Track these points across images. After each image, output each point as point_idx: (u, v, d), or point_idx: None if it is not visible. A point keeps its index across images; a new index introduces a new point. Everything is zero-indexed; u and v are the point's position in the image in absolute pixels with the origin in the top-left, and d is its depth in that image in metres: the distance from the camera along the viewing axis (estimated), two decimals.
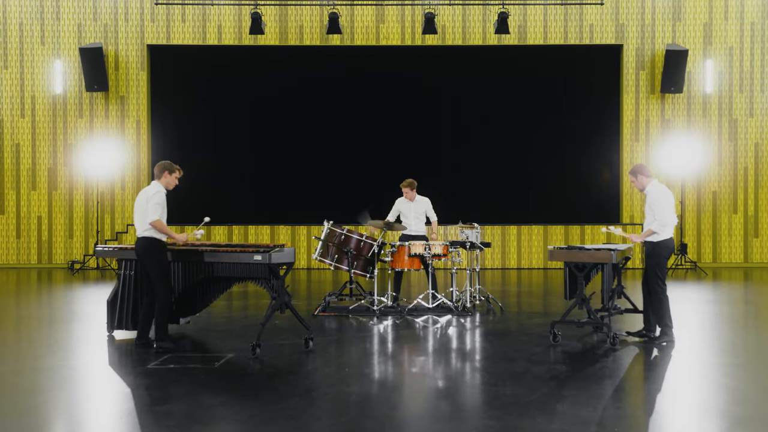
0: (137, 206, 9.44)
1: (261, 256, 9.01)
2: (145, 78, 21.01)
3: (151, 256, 9.30)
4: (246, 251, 9.15)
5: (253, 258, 9.07)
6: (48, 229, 21.00)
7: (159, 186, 9.48)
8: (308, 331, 9.43)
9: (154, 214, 9.25)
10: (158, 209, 9.29)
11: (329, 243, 12.49)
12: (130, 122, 20.99)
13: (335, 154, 21.05)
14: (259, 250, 9.07)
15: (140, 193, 9.53)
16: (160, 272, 9.28)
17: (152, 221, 9.23)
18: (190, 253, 9.55)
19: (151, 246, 9.31)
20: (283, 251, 9.07)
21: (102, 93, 20.90)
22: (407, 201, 13.30)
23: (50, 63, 20.94)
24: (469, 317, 11.94)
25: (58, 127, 20.97)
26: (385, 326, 11.29)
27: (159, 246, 9.34)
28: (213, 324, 11.35)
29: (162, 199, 9.39)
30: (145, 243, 9.33)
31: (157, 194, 9.37)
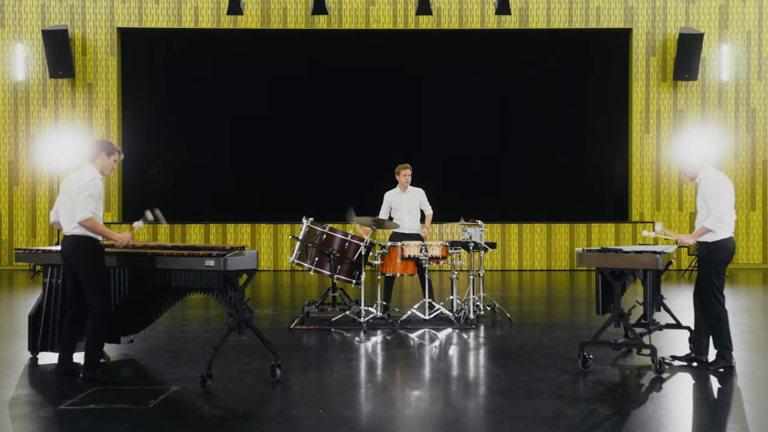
0: (65, 196, 7.25)
1: (214, 261, 6.85)
2: (115, 64, 18.81)
3: (82, 259, 7.13)
4: (195, 255, 6.98)
5: (204, 263, 6.91)
6: (8, 227, 18.79)
7: (94, 172, 7.29)
8: (275, 356, 7.27)
9: (85, 209, 7.07)
10: (90, 202, 7.11)
11: (308, 243, 10.33)
12: (99, 111, 18.79)
13: (320, 146, 18.88)
14: (212, 253, 6.90)
15: (68, 179, 7.32)
16: (94, 280, 7.10)
17: (82, 220, 7.06)
18: (128, 257, 7.38)
19: (82, 247, 7.13)
20: (242, 255, 6.91)
21: (68, 80, 18.70)
22: (399, 193, 11.16)
23: (11, 47, 18.72)
24: (472, 331, 9.81)
25: (19, 117, 18.76)
26: (374, 343, 9.14)
27: (92, 247, 7.17)
28: (164, 342, 9.17)
29: (98, 188, 7.21)
30: (75, 243, 7.14)
31: (92, 182, 7.16)
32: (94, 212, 7.08)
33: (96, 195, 7.13)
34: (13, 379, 7.37)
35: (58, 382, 7.15)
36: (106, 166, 7.37)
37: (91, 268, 7.10)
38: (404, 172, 11.11)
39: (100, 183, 7.23)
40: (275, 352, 7.27)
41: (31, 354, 8.06)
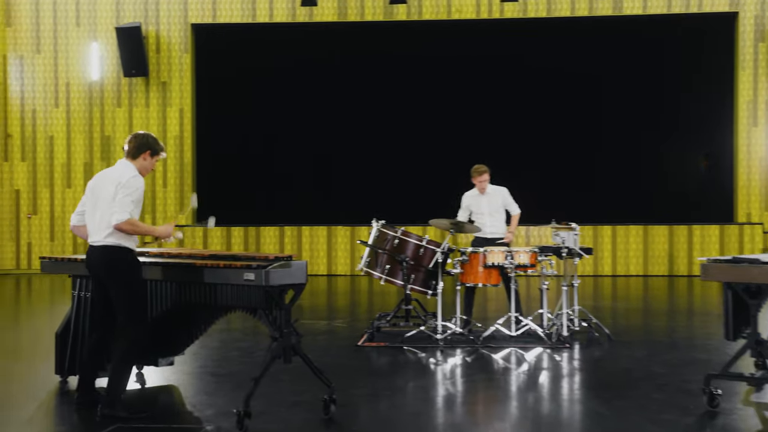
0: (96, 195, 5.96)
1: (253, 274, 5.51)
2: (189, 61, 17.77)
3: (116, 274, 5.85)
4: (233, 266, 5.65)
5: (243, 277, 5.57)
6: None
7: (133, 169, 5.98)
8: (329, 388, 5.89)
9: (122, 210, 5.75)
10: (128, 204, 5.80)
11: (379, 249, 8.94)
12: (173, 111, 17.79)
13: (398, 143, 17.43)
14: (251, 265, 5.56)
15: (100, 176, 6.05)
16: (129, 299, 5.82)
17: (119, 222, 5.74)
18: (158, 268, 6.09)
19: (115, 259, 5.86)
20: (288, 267, 5.55)
21: (141, 78, 17.73)
22: (477, 194, 9.68)
23: (86, 46, 17.86)
24: (566, 351, 8.28)
25: (94, 118, 17.88)
26: (452, 366, 7.70)
27: (128, 259, 5.89)
28: (212, 362, 7.91)
29: (140, 188, 5.92)
30: (107, 255, 5.87)
31: (133, 180, 5.86)
32: (131, 214, 5.81)
33: (137, 196, 5.86)
34: (28, 408, 6.18)
35: (73, 417, 5.92)
36: (146, 167, 6.07)
37: (127, 284, 5.82)
38: (478, 179, 9.63)
39: (141, 181, 5.93)
40: (329, 384, 5.89)
41: (60, 377, 6.86)
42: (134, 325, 5.77)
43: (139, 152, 5.98)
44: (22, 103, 18.01)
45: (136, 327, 5.77)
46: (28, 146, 18.00)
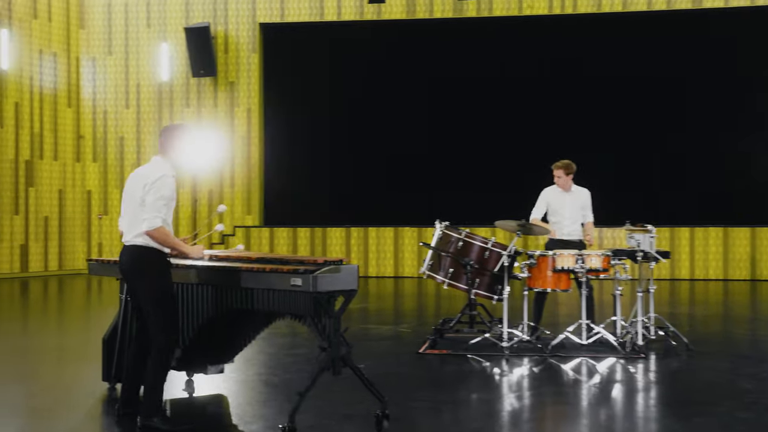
0: (128, 195, 5.61)
1: (301, 279, 5.10)
2: (257, 61, 17.56)
3: (143, 277, 5.50)
4: (279, 271, 5.25)
5: (290, 282, 5.17)
6: None
7: (166, 166, 5.59)
8: (382, 402, 5.45)
9: (154, 215, 5.36)
10: (161, 207, 5.39)
11: (442, 252, 8.47)
12: (241, 111, 17.60)
13: (464, 142, 16.88)
14: (299, 269, 5.16)
15: (133, 175, 5.66)
16: (157, 304, 5.46)
17: (150, 229, 5.36)
18: (205, 272, 5.73)
19: (143, 260, 5.50)
20: (338, 272, 5.13)
21: (210, 79, 17.59)
22: (560, 191, 9.10)
23: (156, 47, 17.79)
24: (641, 362, 7.69)
25: (164, 118, 17.80)
26: (519, 377, 7.20)
27: (156, 261, 5.51)
28: (267, 368, 7.54)
29: (171, 188, 5.46)
30: (135, 255, 5.51)
31: (161, 180, 5.42)
32: (163, 222, 5.44)
33: (167, 196, 5.44)
34: (72, 418, 5.89)
35: (114, 428, 5.60)
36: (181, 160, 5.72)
37: (155, 288, 5.45)
38: (558, 174, 9.04)
39: (173, 181, 5.51)
40: (382, 399, 5.45)
41: (109, 384, 6.57)
42: (162, 332, 5.41)
43: (169, 145, 5.61)
44: (93, 105, 18.04)
45: (164, 333, 5.41)
46: (100, 147, 18.02)
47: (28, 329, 10.75)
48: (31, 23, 17.27)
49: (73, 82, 18.00)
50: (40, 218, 17.47)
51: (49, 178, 17.65)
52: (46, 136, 17.58)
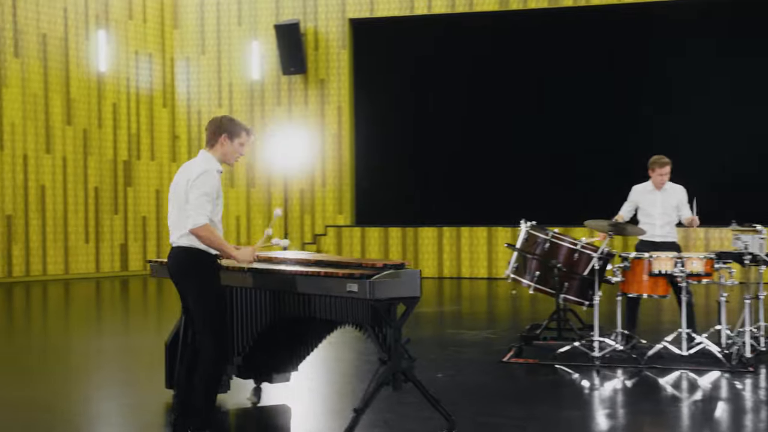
0: (174, 192, 5.23)
1: (357, 285, 4.61)
2: (347, 57, 17.19)
3: (190, 280, 5.11)
4: (334, 276, 4.78)
5: (346, 288, 4.69)
6: (246, 231, 17.72)
7: (210, 161, 5.18)
8: (449, 421, 4.91)
9: (198, 213, 4.96)
10: (205, 204, 5.00)
11: (527, 254, 7.86)
12: (331, 108, 17.27)
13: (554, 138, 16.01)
14: (354, 274, 4.66)
15: (180, 170, 5.27)
16: (205, 309, 5.06)
17: (194, 227, 4.96)
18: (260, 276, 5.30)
19: (190, 263, 5.11)
20: (397, 277, 4.62)
21: (300, 76, 17.31)
22: (651, 189, 8.36)
23: (247, 46, 17.63)
24: (749, 377, 6.90)
25: (255, 117, 17.63)
26: (611, 392, 6.56)
27: (204, 263, 5.09)
28: (341, 376, 7.09)
29: (212, 184, 5.05)
30: (182, 257, 5.13)
31: (203, 177, 5.02)
32: (209, 217, 5.03)
33: (210, 193, 5.02)
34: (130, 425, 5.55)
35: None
36: (228, 153, 5.23)
37: (202, 293, 5.05)
38: (659, 171, 8.28)
39: (215, 177, 5.08)
40: (449, 417, 4.91)
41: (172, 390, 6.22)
42: (211, 339, 5.00)
43: (215, 138, 5.19)
44: (188, 105, 18.02)
45: (213, 341, 5.00)
46: (194, 147, 17.98)
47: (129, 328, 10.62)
48: (126, 24, 17.35)
49: (168, 83, 18.02)
50: (138, 218, 17.54)
51: (146, 177, 17.70)
52: (143, 137, 17.64)
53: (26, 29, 15.79)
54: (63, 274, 16.19)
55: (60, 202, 16.28)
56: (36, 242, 15.85)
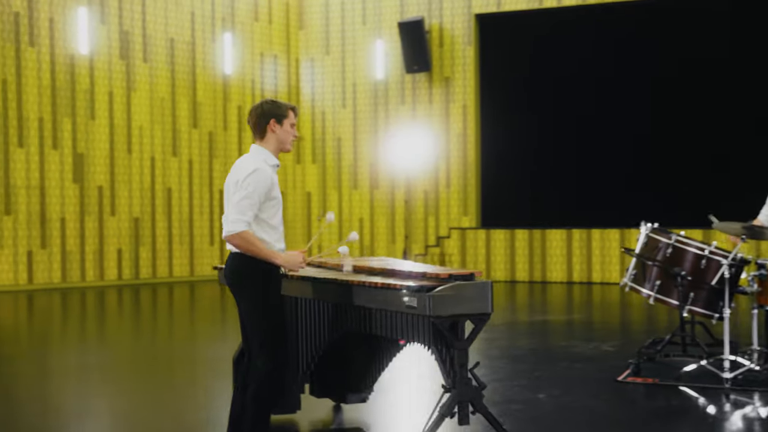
0: (227, 194, 4.59)
1: (415, 298, 3.91)
2: (472, 54, 16.42)
3: (240, 289, 4.54)
4: (391, 287, 4.09)
5: (404, 301, 4.00)
6: (370, 233, 17.23)
7: (262, 157, 4.52)
8: None
9: (237, 217, 4.34)
10: (246, 209, 4.36)
11: (647, 260, 6.92)
12: (456, 107, 16.55)
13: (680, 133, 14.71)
14: (411, 286, 3.96)
15: (232, 169, 4.61)
16: (255, 321, 4.48)
17: (229, 234, 4.35)
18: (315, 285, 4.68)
19: (239, 271, 4.51)
20: (462, 290, 3.89)
21: (425, 74, 16.69)
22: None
23: (371, 45, 17.15)
24: None
25: (379, 117, 17.13)
26: (745, 420, 5.58)
27: (260, 272, 4.46)
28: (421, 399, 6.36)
29: (263, 185, 4.40)
30: (232, 265, 4.55)
31: (252, 176, 4.38)
32: (248, 225, 4.36)
33: (257, 196, 4.38)
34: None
35: None
36: (282, 138, 4.56)
37: (253, 305, 4.46)
38: None
39: (267, 176, 4.44)
40: None
41: None
42: (263, 356, 4.40)
43: (263, 127, 4.56)
44: (312, 105, 17.72)
45: (265, 358, 4.40)
46: (318, 148, 17.67)
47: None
48: (252, 26, 17.22)
49: (293, 84, 17.78)
50: None
51: None
52: None
53: (155, 34, 15.86)
54: (188, 276, 16.18)
55: (186, 205, 16.28)
56: (162, 244, 15.89)
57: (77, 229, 14.86)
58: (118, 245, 15.32)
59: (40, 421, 5.91)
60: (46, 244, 14.50)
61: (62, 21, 14.76)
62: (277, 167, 4.58)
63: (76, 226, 14.84)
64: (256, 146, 4.60)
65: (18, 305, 12.85)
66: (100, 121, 15.18)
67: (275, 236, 4.50)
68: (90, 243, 14.99)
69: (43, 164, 14.54)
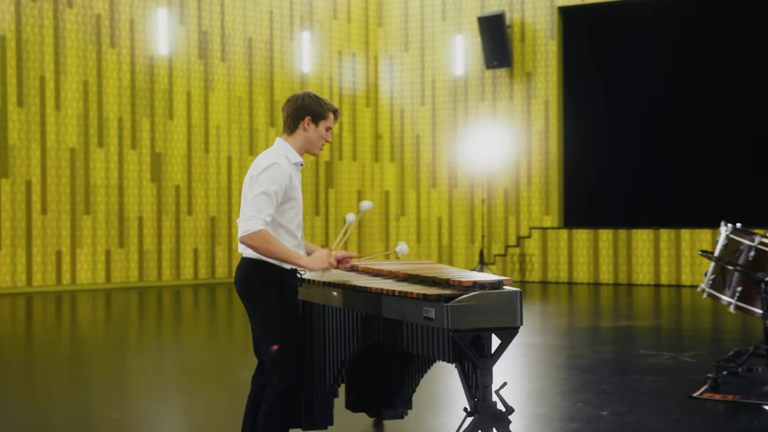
0: (243, 190, 4.18)
1: (433, 309, 3.40)
2: (555, 48, 15.70)
3: (251, 297, 4.10)
4: (408, 296, 3.59)
5: (423, 312, 3.50)
6: (448, 232, 16.70)
7: (284, 150, 4.09)
8: None
9: (253, 215, 3.91)
10: (263, 206, 3.91)
11: (728, 264, 6.23)
12: (537, 103, 15.86)
13: None
14: (428, 295, 3.46)
15: (252, 164, 4.19)
16: (269, 333, 4.04)
17: (245, 234, 3.92)
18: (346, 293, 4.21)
19: (251, 278, 4.08)
20: (485, 301, 3.37)
21: (505, 70, 16.06)
22: None
23: (450, 40, 16.62)
24: None
25: (458, 114, 16.58)
26: None
27: (268, 277, 4.03)
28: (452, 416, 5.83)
29: (281, 181, 3.96)
30: (243, 271, 4.12)
31: (269, 171, 3.96)
32: (264, 224, 3.92)
33: (275, 192, 3.93)
34: None
35: None
36: (312, 139, 4.11)
37: (268, 319, 4.02)
38: None
39: (286, 172, 3.99)
40: None
41: None
42: (277, 372, 3.97)
43: (297, 121, 4.10)
44: (390, 103, 17.31)
45: (279, 374, 3.96)
46: (396, 146, 17.25)
47: None
48: (331, 24, 16.91)
49: (371, 82, 17.40)
50: (339, 219, 17.05)
51: (348, 179, 17.18)
52: (344, 137, 17.13)
53: (233, 34, 15.70)
54: None
55: None
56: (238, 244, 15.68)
57: (154, 228, 14.81)
58: (195, 244, 15.21)
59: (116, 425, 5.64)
60: (124, 243, 14.49)
61: (142, 22, 14.73)
62: (301, 166, 4.14)
63: (153, 226, 14.79)
64: (280, 140, 4.17)
65: (96, 304, 12.84)
66: (178, 121, 15.11)
67: (293, 243, 4.06)
68: (167, 242, 14.92)
69: (122, 164, 14.54)
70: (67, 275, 13.96)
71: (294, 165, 4.11)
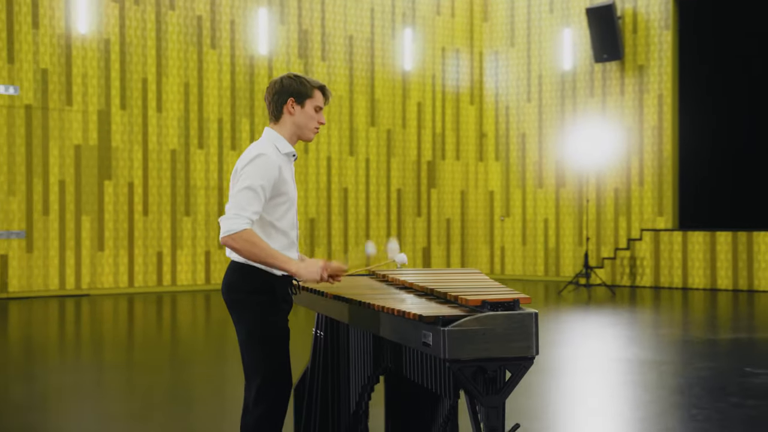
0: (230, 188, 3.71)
1: (431, 335, 2.81)
2: (670, 40, 14.61)
3: (240, 309, 3.58)
4: (406, 316, 3.00)
5: (421, 336, 2.91)
6: (555, 234, 15.84)
7: (272, 140, 3.60)
8: None
9: (236, 213, 3.40)
10: (246, 204, 3.41)
11: None
12: (650, 98, 14.80)
13: None
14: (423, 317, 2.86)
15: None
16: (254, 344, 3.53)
17: (227, 234, 3.41)
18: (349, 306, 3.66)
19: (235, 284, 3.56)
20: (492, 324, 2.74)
21: (615, 63, 15.08)
22: None
23: (558, 34, 15.76)
24: None
25: (566, 111, 15.70)
26: None
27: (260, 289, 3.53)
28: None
29: (268, 174, 3.46)
30: (229, 276, 3.61)
31: (254, 162, 3.45)
32: (251, 220, 3.40)
33: (262, 184, 3.41)
34: None
35: None
36: (301, 122, 3.57)
37: (252, 333, 3.52)
38: None
39: (271, 163, 3.47)
40: None
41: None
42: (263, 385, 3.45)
43: (280, 106, 3.58)
44: (495, 101, 16.59)
45: (261, 396, 3.44)
46: (502, 145, 16.52)
47: None
48: (434, 20, 16.35)
49: (476, 79, 16.73)
50: (442, 220, 16.47)
51: (451, 178, 16.57)
52: (447, 136, 16.53)
53: (334, 32, 15.37)
54: None
55: (362, 205, 15.67)
56: (338, 245, 15.36)
57: None
58: None
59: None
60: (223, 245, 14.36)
61: (242, 23, 14.58)
62: (294, 157, 3.62)
63: None
64: (268, 129, 3.66)
65: (196, 305, 12.73)
66: None
67: (284, 243, 3.57)
68: None
69: (222, 165, 14.42)
70: (167, 276, 13.93)
71: (285, 156, 3.59)
